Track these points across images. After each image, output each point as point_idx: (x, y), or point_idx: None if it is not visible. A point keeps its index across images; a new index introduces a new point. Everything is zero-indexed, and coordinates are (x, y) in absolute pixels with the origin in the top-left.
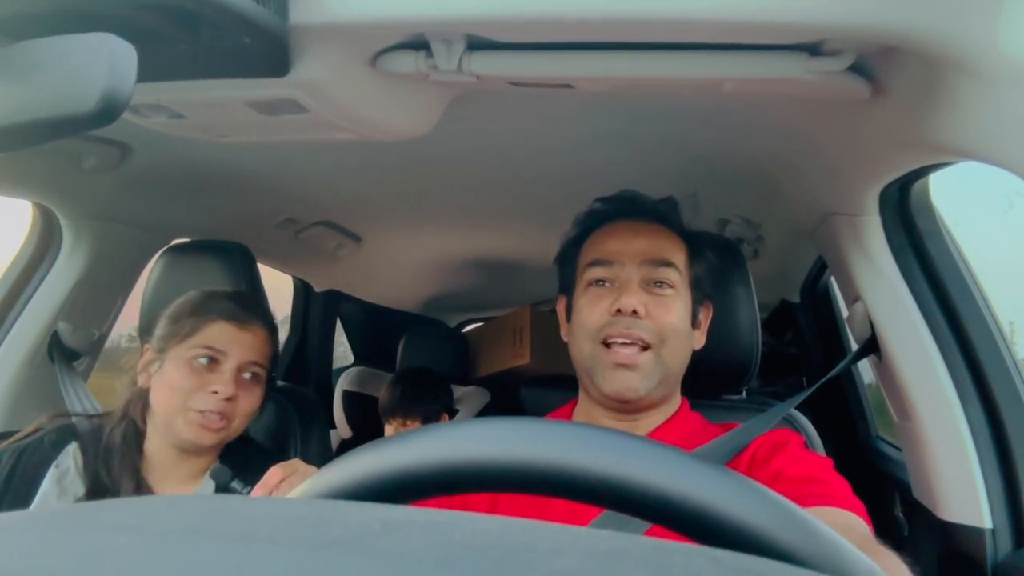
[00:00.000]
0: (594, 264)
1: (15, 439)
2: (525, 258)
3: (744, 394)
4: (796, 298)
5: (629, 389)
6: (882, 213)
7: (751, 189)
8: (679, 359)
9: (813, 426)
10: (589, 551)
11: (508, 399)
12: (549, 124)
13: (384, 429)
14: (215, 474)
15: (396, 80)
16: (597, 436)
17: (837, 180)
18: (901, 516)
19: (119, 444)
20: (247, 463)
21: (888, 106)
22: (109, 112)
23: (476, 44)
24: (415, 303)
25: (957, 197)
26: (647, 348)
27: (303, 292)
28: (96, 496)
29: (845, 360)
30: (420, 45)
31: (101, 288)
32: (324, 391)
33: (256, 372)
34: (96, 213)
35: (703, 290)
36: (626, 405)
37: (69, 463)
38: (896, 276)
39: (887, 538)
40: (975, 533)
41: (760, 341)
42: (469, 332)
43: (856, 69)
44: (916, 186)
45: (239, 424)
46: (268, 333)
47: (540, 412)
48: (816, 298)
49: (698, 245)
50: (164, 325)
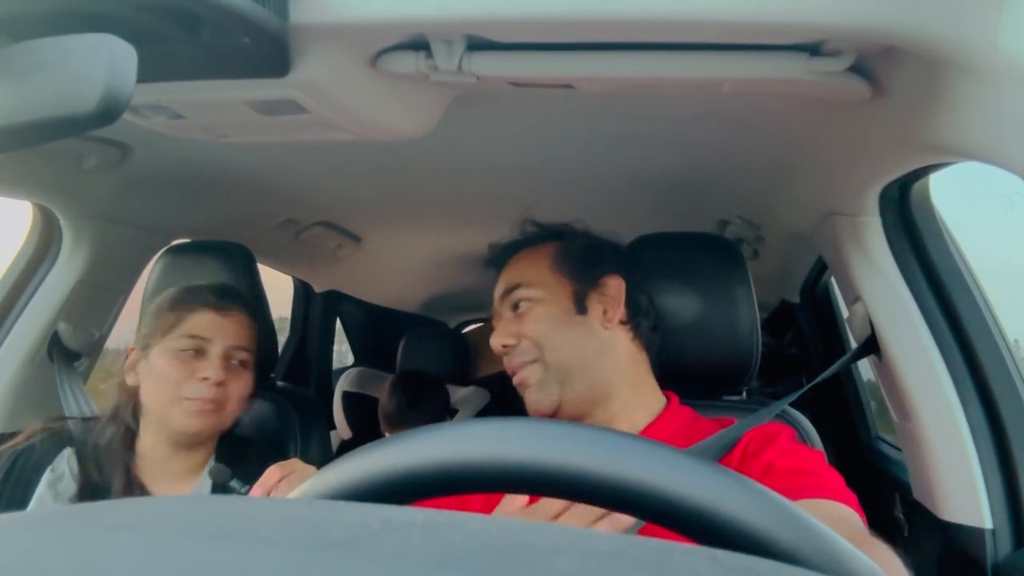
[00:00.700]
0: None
1: (9, 445)
2: None
3: (744, 395)
4: (796, 298)
5: (536, 402)
6: (882, 213)
7: (751, 189)
8: (568, 353)
9: (813, 426)
10: (589, 551)
11: (508, 400)
12: (549, 124)
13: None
14: (214, 474)
15: (396, 80)
16: (598, 437)
17: (837, 180)
18: (901, 516)
19: (109, 445)
20: (245, 464)
21: (888, 106)
22: (109, 113)
23: (476, 44)
24: (415, 303)
25: (957, 197)
26: (534, 363)
27: (303, 293)
28: (88, 498)
29: (843, 358)
30: (420, 45)
31: (101, 288)
32: (324, 392)
33: (242, 358)
34: (96, 213)
35: (590, 274)
36: (560, 416)
37: (64, 467)
38: (896, 276)
39: (887, 539)
40: (975, 533)
41: (760, 342)
42: (469, 332)
43: (856, 69)
44: (916, 186)
45: (232, 409)
46: (250, 319)
47: None
48: (816, 298)
49: (565, 235)
50: (147, 322)
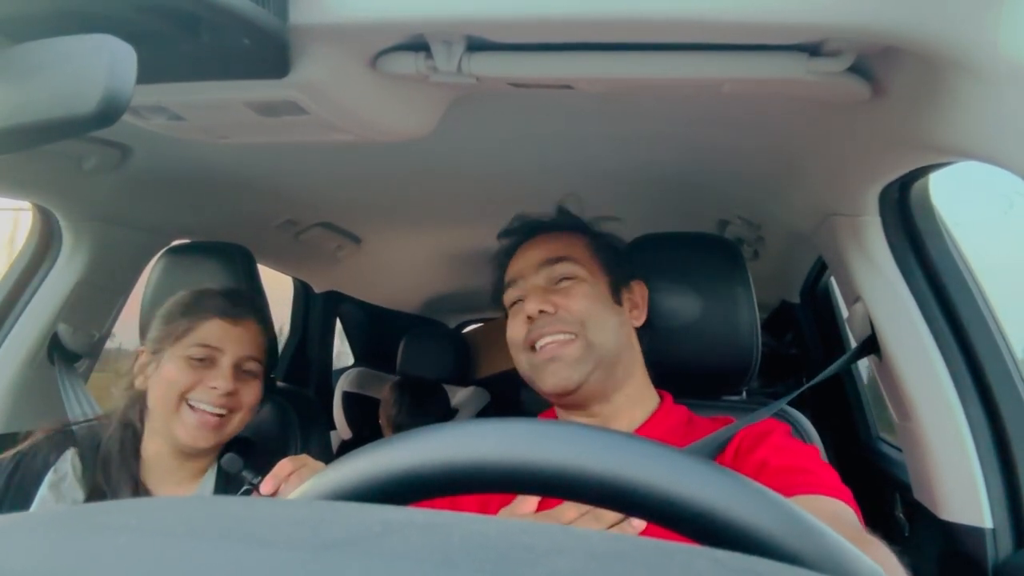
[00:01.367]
0: (507, 288)
1: (12, 451)
2: None
3: (744, 395)
4: (796, 299)
5: (564, 379)
6: (882, 213)
7: (751, 190)
8: (609, 338)
9: (814, 427)
10: (590, 552)
11: (508, 400)
12: (548, 125)
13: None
14: (226, 463)
15: (396, 81)
16: (599, 437)
17: (837, 180)
18: (902, 517)
19: (117, 449)
20: (247, 464)
21: (888, 106)
22: (109, 114)
23: (476, 45)
24: (415, 304)
25: (957, 197)
26: (572, 336)
27: (303, 293)
28: (94, 501)
29: (842, 358)
30: (420, 46)
31: (101, 289)
32: (324, 392)
33: (252, 367)
34: (96, 214)
35: (623, 271)
36: (576, 398)
37: (67, 469)
38: (896, 276)
39: (888, 539)
40: (976, 533)
41: (760, 342)
42: (469, 333)
43: (856, 69)
44: (916, 186)
45: (241, 419)
46: (261, 327)
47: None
48: (816, 299)
49: (597, 233)
50: (158, 326)
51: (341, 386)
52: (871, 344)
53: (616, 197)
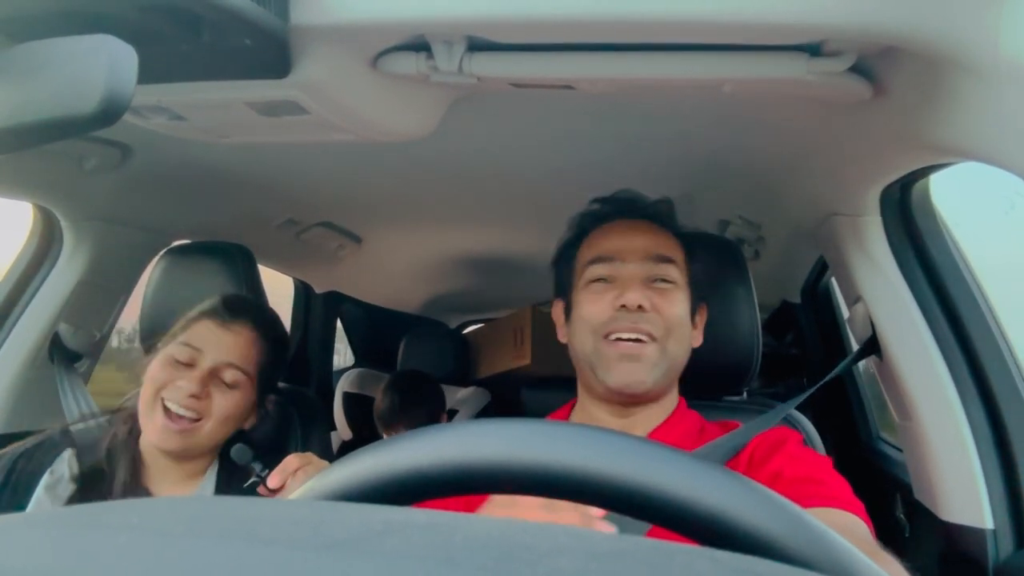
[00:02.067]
0: (595, 262)
1: (8, 449)
2: (526, 259)
3: (745, 395)
4: (797, 299)
5: (636, 381)
6: (883, 213)
7: (752, 189)
8: (682, 351)
9: (814, 427)
10: (590, 552)
11: (508, 400)
12: (550, 125)
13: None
14: (236, 455)
15: (397, 81)
16: (604, 439)
17: (838, 180)
18: (902, 517)
19: (121, 445)
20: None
21: (889, 106)
22: (110, 114)
23: (477, 45)
24: (415, 304)
25: (958, 197)
26: (653, 340)
27: (303, 293)
28: (87, 500)
29: (845, 360)
30: (421, 46)
31: (102, 289)
32: (325, 392)
33: (234, 377)
34: (97, 214)
35: (699, 291)
36: (631, 398)
37: (64, 470)
38: (897, 276)
39: (888, 539)
40: (976, 534)
41: (761, 342)
42: (469, 333)
43: (857, 69)
44: (917, 186)
45: (212, 429)
46: (258, 337)
47: (541, 413)
48: (817, 299)
49: (692, 246)
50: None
51: (341, 386)
52: (872, 344)
53: None
